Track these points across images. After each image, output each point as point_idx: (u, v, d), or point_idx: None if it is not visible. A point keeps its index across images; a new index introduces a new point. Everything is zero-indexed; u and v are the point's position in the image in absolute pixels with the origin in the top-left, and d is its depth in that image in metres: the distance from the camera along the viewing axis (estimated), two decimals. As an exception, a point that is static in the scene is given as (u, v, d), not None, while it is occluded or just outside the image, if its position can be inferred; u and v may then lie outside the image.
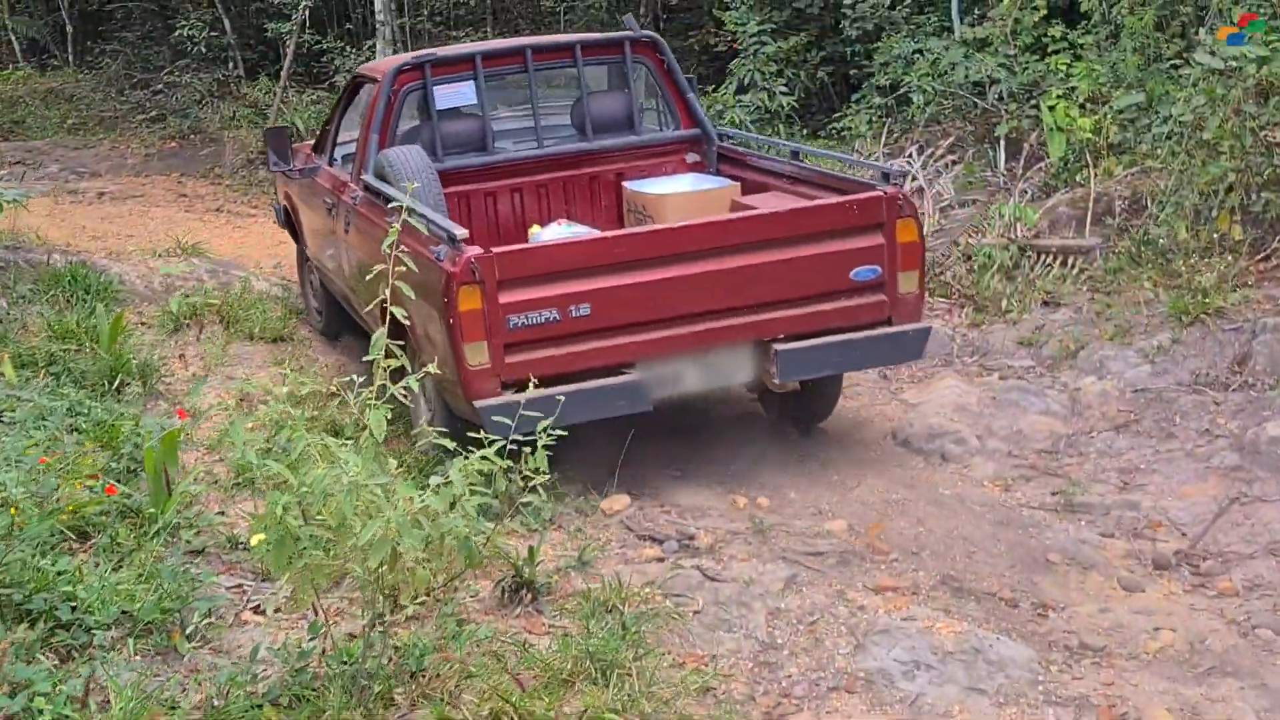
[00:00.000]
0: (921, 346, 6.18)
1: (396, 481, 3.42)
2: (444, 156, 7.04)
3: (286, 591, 4.49)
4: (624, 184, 7.23)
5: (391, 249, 4.00)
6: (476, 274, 5.38)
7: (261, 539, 3.81)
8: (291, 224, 9.13)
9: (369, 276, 3.89)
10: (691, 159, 7.51)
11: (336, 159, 7.95)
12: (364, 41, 16.98)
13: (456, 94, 7.16)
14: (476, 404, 5.43)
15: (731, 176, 7.14)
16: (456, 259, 5.44)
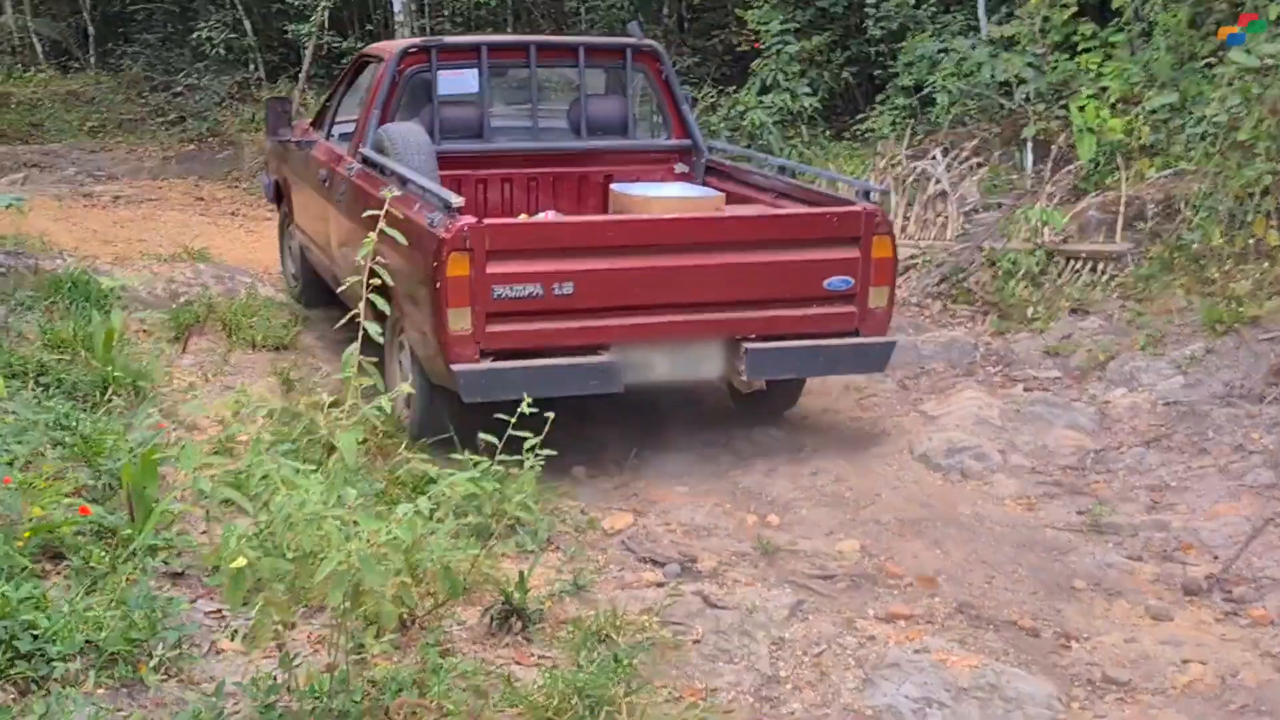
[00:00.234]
0: (885, 360, 6.37)
1: (357, 513, 3.17)
2: (441, 140, 7.21)
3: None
4: (611, 185, 7.36)
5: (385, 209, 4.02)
6: (467, 242, 5.55)
7: (238, 565, 3.59)
8: (279, 197, 9.36)
9: (365, 242, 3.88)
10: (680, 169, 7.75)
11: (334, 134, 8.12)
12: (384, 43, 16.80)
13: (459, 80, 7.33)
14: (454, 368, 5.61)
15: (717, 189, 7.26)
16: (450, 226, 5.60)
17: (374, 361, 3.81)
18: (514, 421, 4.41)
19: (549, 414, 4.45)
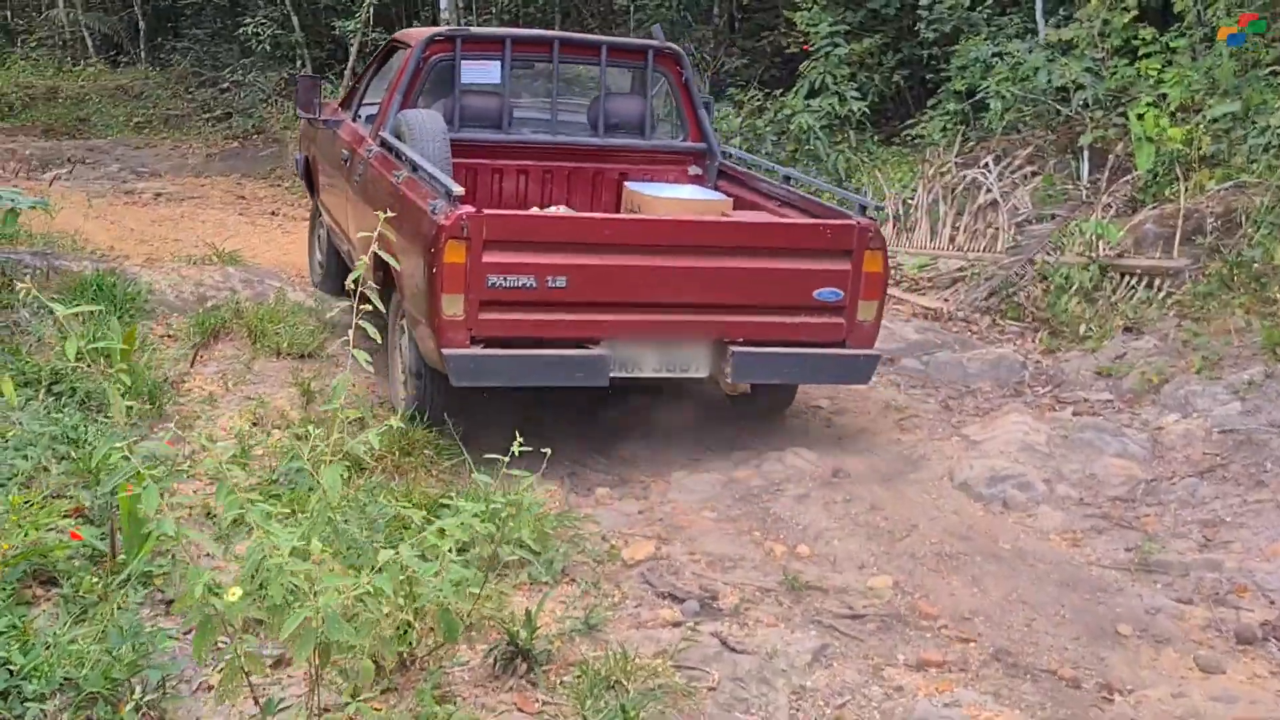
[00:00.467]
0: (869, 372, 6.43)
1: (322, 569, 2.92)
2: (461, 128, 7.36)
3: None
4: (625, 184, 7.50)
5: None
6: (465, 231, 5.68)
7: (237, 595, 3.38)
8: (310, 177, 9.46)
9: (381, 217, 4.03)
10: (694, 171, 7.85)
11: (360, 116, 8.23)
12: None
13: (482, 71, 7.46)
14: (445, 352, 5.76)
15: (728, 193, 7.39)
16: (449, 214, 5.74)
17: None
18: (516, 448, 4.17)
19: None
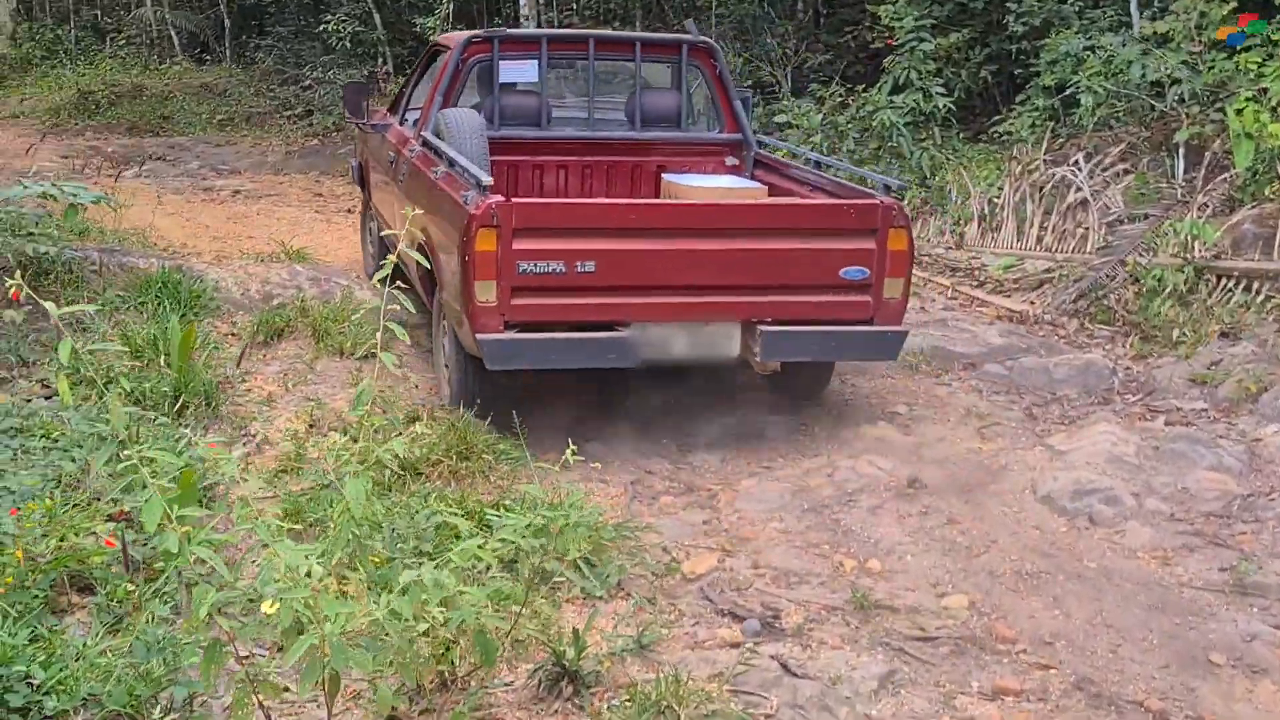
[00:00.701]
0: (897, 348, 6.50)
1: (324, 596, 2.70)
2: (501, 126, 7.60)
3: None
4: (663, 175, 7.65)
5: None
6: (495, 219, 5.81)
7: (272, 608, 3.19)
8: (364, 182, 9.73)
9: (409, 213, 4.24)
10: (730, 162, 7.97)
11: (407, 119, 8.42)
12: (510, 36, 16.51)
13: (520, 70, 7.68)
14: (479, 337, 5.91)
15: (763, 181, 7.52)
16: (479, 204, 5.87)
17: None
18: (569, 454, 3.94)
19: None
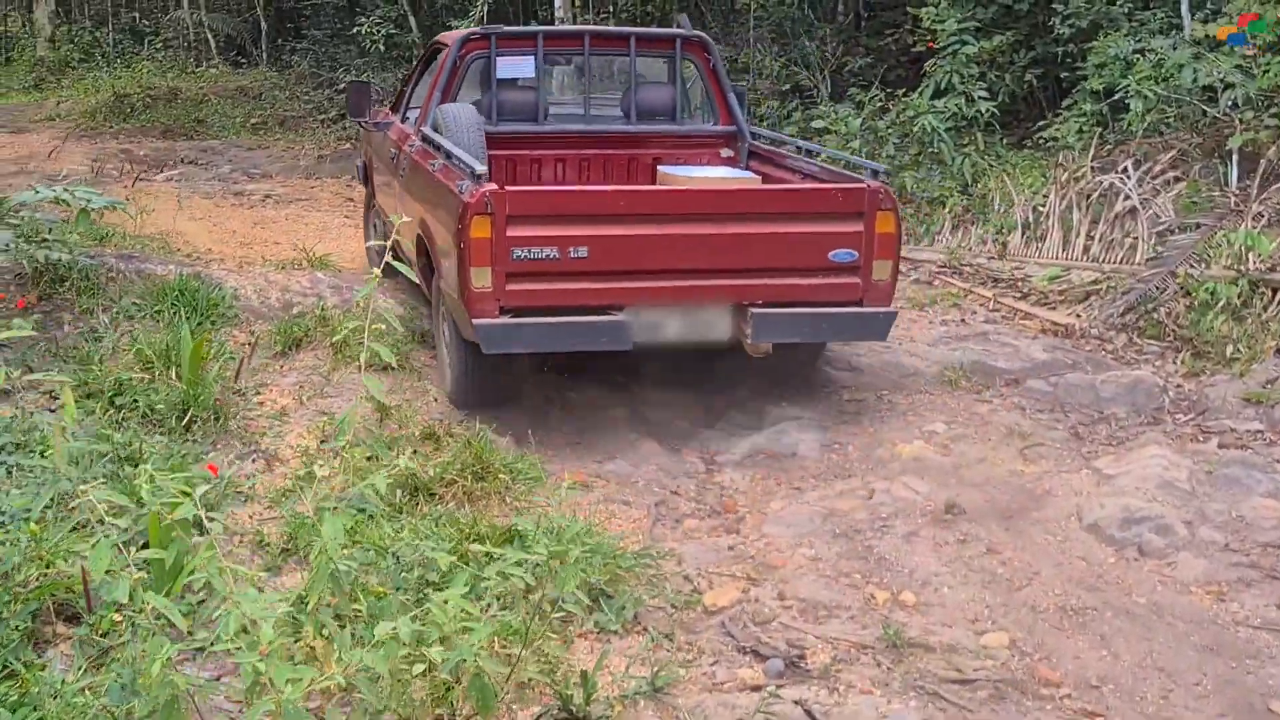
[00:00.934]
0: (887, 328, 6.61)
1: (272, 661, 2.44)
2: (499, 121, 7.80)
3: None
4: (659, 167, 7.78)
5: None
6: (489, 207, 5.95)
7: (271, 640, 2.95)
8: (368, 181, 9.95)
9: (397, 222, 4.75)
10: (726, 154, 8.13)
11: (409, 118, 8.53)
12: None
13: (516, 66, 7.83)
14: (475, 322, 6.04)
15: (758, 171, 7.64)
16: (474, 192, 6.01)
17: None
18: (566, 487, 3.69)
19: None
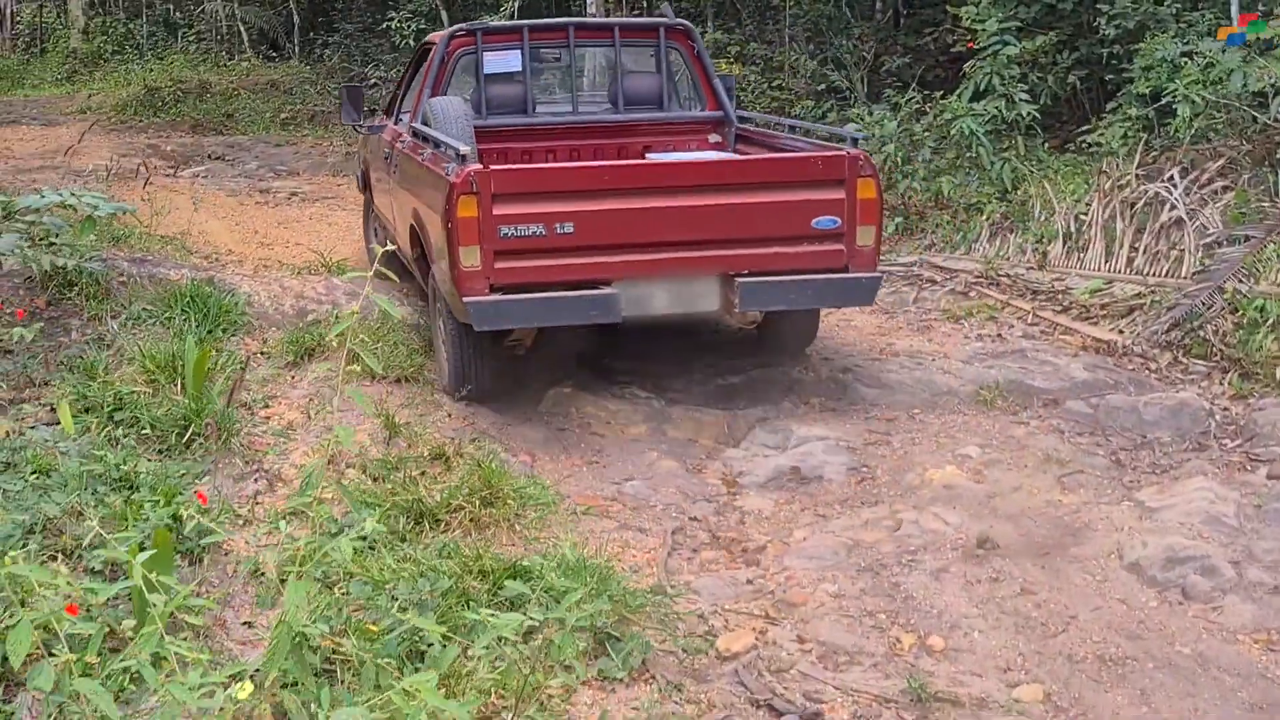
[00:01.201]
0: (872, 294, 6.76)
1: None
2: (489, 114, 8.01)
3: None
4: (647, 154, 7.98)
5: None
6: (474, 186, 6.10)
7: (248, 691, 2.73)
8: (366, 183, 10.07)
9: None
10: (713, 139, 8.29)
11: (402, 118, 8.71)
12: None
13: (504, 60, 8.01)
14: (465, 300, 6.17)
15: (745, 154, 7.71)
16: (459, 173, 6.16)
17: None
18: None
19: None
